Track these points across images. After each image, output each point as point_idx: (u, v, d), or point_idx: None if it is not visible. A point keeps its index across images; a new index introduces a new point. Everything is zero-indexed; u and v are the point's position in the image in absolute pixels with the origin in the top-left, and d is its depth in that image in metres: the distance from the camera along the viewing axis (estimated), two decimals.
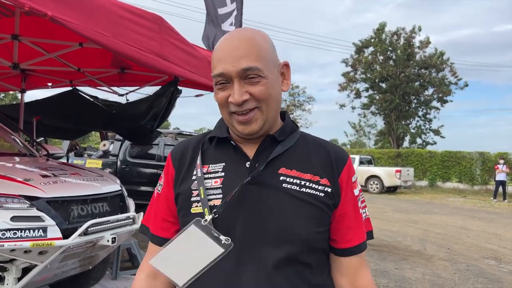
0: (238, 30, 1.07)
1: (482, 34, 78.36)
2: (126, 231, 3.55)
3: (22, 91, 5.62)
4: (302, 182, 1.03)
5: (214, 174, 1.06)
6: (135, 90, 5.43)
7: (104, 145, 9.71)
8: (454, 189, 22.21)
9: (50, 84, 5.88)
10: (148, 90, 5.24)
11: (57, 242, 2.83)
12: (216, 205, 1.01)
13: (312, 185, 1.03)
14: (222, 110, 1.05)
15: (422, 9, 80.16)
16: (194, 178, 1.07)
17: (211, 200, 1.02)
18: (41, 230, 2.81)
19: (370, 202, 15.07)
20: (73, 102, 5.29)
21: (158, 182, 1.18)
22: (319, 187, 1.03)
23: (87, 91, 5.61)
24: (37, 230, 2.79)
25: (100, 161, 9.41)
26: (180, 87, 4.53)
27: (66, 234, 2.92)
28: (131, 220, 3.63)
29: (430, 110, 32.78)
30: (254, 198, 1.00)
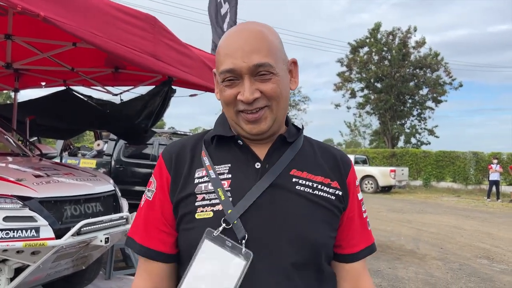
0: (245, 24, 1.00)
1: (476, 34, 79.01)
2: (120, 231, 3.54)
3: (16, 91, 5.59)
4: (314, 185, 0.98)
5: (221, 176, 0.97)
6: (129, 90, 5.42)
7: (98, 144, 9.69)
8: (448, 188, 22.34)
9: (43, 83, 5.85)
10: (142, 90, 5.24)
11: (49, 242, 2.82)
12: (221, 210, 0.93)
13: (324, 187, 0.99)
14: (227, 109, 0.98)
15: (417, 9, 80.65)
16: (197, 181, 0.98)
17: (218, 204, 0.94)
18: (33, 230, 2.80)
19: (365, 201, 15.01)
20: (66, 101, 5.27)
21: (147, 188, 1.06)
22: (331, 190, 1.00)
23: (81, 91, 5.60)
24: (29, 230, 2.78)
25: (94, 160, 9.39)
26: (174, 87, 4.54)
27: (59, 234, 2.91)
28: (125, 220, 3.63)
29: (424, 110, 32.93)
30: (268, 200, 0.94)
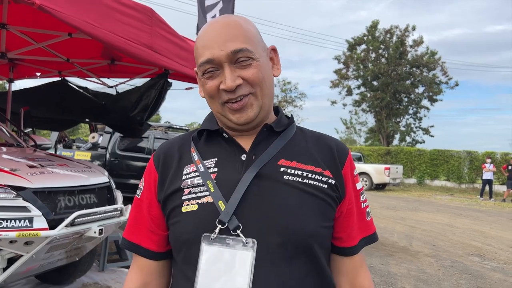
0: (220, 17, 1.00)
1: (473, 34, 79.26)
2: (114, 223, 3.54)
3: (10, 81, 5.55)
4: (304, 174, 0.95)
5: (209, 170, 0.97)
6: (125, 82, 5.40)
7: (93, 137, 9.65)
8: (442, 187, 22.47)
9: (38, 74, 5.82)
10: (138, 82, 5.22)
11: (43, 233, 2.81)
12: (209, 202, 0.92)
13: (315, 176, 0.96)
14: (212, 102, 0.97)
15: (414, 7, 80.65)
16: (184, 177, 0.98)
17: (204, 197, 0.93)
18: (27, 221, 2.79)
19: None
20: (61, 92, 5.24)
21: (138, 187, 1.07)
22: (323, 179, 0.96)
23: (76, 82, 5.57)
24: (23, 220, 2.77)
25: (89, 153, 9.36)
26: (170, 80, 4.52)
27: (52, 225, 2.90)
28: (119, 212, 3.62)
29: (420, 108, 33.05)
30: (255, 191, 0.92)
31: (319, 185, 0.95)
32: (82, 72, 5.30)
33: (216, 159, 0.98)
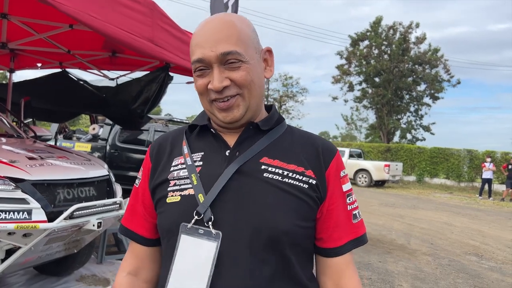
0: (217, 15, 1.01)
1: (476, 32, 78.93)
2: (112, 216, 3.54)
3: (11, 71, 5.53)
4: (285, 173, 0.97)
5: (195, 163, 1.01)
6: (126, 75, 5.38)
7: (93, 128, 9.64)
8: (441, 185, 22.50)
9: (39, 64, 5.80)
10: (139, 75, 5.19)
11: (41, 225, 2.81)
12: (191, 194, 0.96)
13: (295, 176, 0.97)
14: (202, 99, 1.00)
15: (417, 4, 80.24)
16: (172, 169, 1.03)
17: (187, 189, 0.97)
18: (25, 213, 2.78)
19: (358, 195, 15.15)
20: (62, 84, 5.22)
21: (137, 177, 1.13)
22: (303, 179, 0.97)
23: (77, 74, 5.55)
24: (21, 213, 2.77)
25: (89, 144, 9.35)
26: (171, 73, 4.50)
27: (51, 217, 2.90)
28: (118, 205, 3.62)
29: (421, 106, 32.99)
30: (234, 186, 0.95)
31: (299, 184, 0.96)
32: (83, 63, 5.28)
33: (202, 153, 1.03)
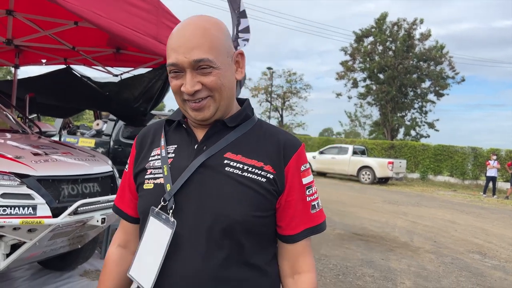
0: (192, 19, 1.07)
1: (481, 28, 78.28)
2: None
3: (16, 67, 5.56)
4: (245, 167, 1.06)
5: (168, 155, 1.13)
6: (130, 71, 5.39)
7: (97, 124, 9.66)
8: (445, 182, 22.42)
9: (44, 60, 5.82)
10: (142, 71, 5.20)
11: (46, 221, 2.83)
12: (161, 183, 1.08)
13: (254, 170, 1.06)
14: (176, 97, 1.09)
15: (422, 0, 79.55)
16: (150, 159, 1.16)
17: (159, 178, 1.10)
18: (30, 208, 2.81)
19: (361, 192, 15.20)
20: (66, 80, 5.24)
21: (127, 162, 1.28)
22: (262, 173, 1.06)
23: (82, 70, 5.57)
24: (26, 208, 2.79)
25: (93, 140, 9.38)
26: None
27: (55, 213, 2.92)
28: None
29: (426, 103, 32.84)
30: (198, 179, 1.06)
31: (257, 178, 1.05)
32: (87, 60, 5.30)
33: (176, 146, 1.15)
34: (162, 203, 1.05)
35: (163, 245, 1.03)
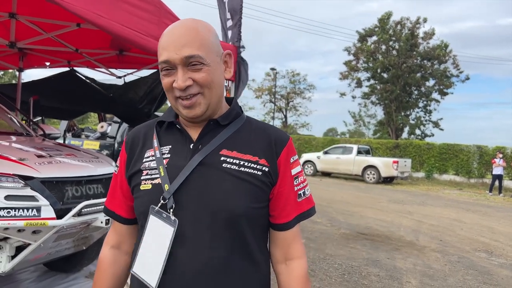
0: (182, 21, 1.13)
1: (485, 26, 77.85)
2: None
3: (20, 70, 5.59)
4: (241, 162, 1.11)
5: (163, 156, 1.16)
6: (133, 73, 5.40)
7: (102, 126, 9.70)
8: (451, 181, 22.30)
9: (48, 63, 5.84)
10: (146, 73, 5.21)
11: (50, 222, 2.84)
12: (159, 183, 1.11)
13: (250, 164, 1.11)
14: (168, 95, 1.13)
15: None
16: (144, 160, 1.18)
17: (156, 179, 1.12)
18: (35, 210, 2.82)
19: (366, 192, 15.15)
20: (70, 82, 5.27)
21: (116, 165, 1.30)
22: (257, 167, 1.11)
23: (85, 72, 5.59)
24: (31, 210, 2.80)
25: (97, 142, 9.42)
26: None
27: (60, 215, 2.93)
28: None
29: (430, 102, 32.71)
30: (197, 176, 1.09)
31: (254, 172, 1.11)
32: (91, 62, 5.31)
33: (170, 146, 1.17)
34: (162, 202, 1.08)
35: (166, 242, 1.06)
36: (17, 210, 2.73)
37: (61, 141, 6.72)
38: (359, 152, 20.29)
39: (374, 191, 15.46)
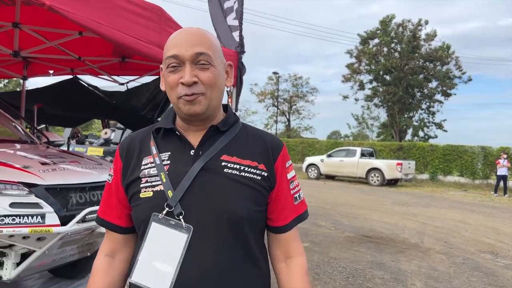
0: (191, 27, 1.16)
1: (487, 27, 77.56)
2: None
3: (24, 79, 5.65)
4: (242, 167, 1.14)
5: (163, 162, 1.16)
6: (135, 80, 5.45)
7: (105, 133, 9.77)
8: (455, 183, 22.20)
9: (51, 71, 5.90)
10: (148, 79, 5.25)
11: (55, 229, 2.87)
12: (161, 190, 1.11)
13: (250, 169, 1.14)
14: (171, 93, 1.13)
15: (427, 0, 79.17)
16: (142, 167, 1.17)
17: (158, 185, 1.12)
18: (39, 217, 2.85)
19: (370, 194, 15.11)
20: (74, 90, 5.32)
21: (109, 174, 1.27)
22: (257, 172, 1.14)
23: (88, 80, 5.64)
24: (35, 217, 2.83)
25: (101, 149, 9.47)
26: None
27: (64, 221, 2.96)
28: None
29: (433, 103, 32.65)
30: (200, 182, 1.10)
31: (254, 177, 1.14)
32: (93, 69, 5.37)
33: (169, 153, 1.17)
34: (167, 209, 1.08)
35: (178, 249, 1.07)
36: (21, 217, 2.76)
37: (65, 148, 6.76)
38: (363, 154, 20.25)
39: (378, 194, 15.42)
